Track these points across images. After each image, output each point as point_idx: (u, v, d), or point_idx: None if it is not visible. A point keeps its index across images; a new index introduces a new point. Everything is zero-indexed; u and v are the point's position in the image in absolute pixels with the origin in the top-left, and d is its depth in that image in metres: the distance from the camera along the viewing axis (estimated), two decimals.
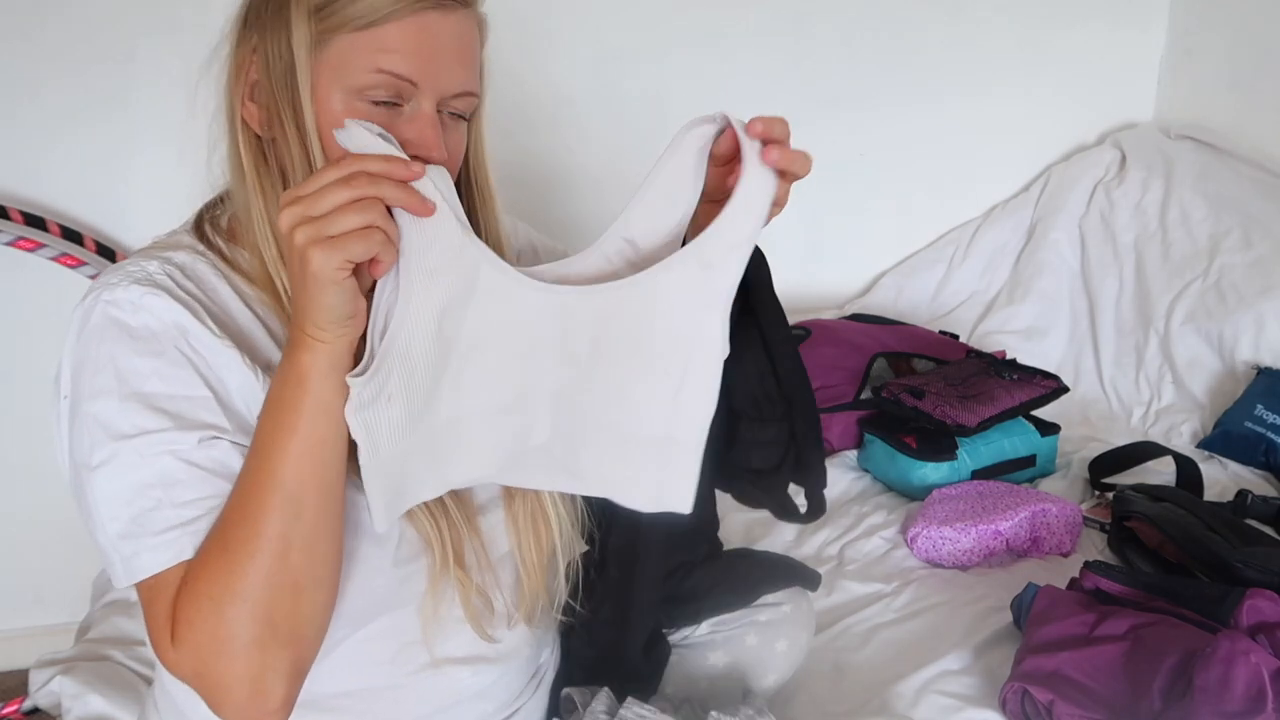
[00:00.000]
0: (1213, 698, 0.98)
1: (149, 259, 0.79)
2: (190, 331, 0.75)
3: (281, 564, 0.70)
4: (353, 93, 0.75)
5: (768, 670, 1.11)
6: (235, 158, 0.79)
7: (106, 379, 0.73)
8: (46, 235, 1.71)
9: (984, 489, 1.55)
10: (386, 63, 0.75)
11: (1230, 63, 2.19)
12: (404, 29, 0.75)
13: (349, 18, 0.74)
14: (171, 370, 0.74)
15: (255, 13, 0.77)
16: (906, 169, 2.30)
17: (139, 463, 0.72)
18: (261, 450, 0.70)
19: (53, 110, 1.74)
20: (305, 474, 0.70)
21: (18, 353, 1.81)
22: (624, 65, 2.06)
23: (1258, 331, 1.88)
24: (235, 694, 0.70)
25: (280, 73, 0.75)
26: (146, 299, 0.75)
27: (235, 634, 0.69)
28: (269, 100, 0.77)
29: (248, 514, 0.70)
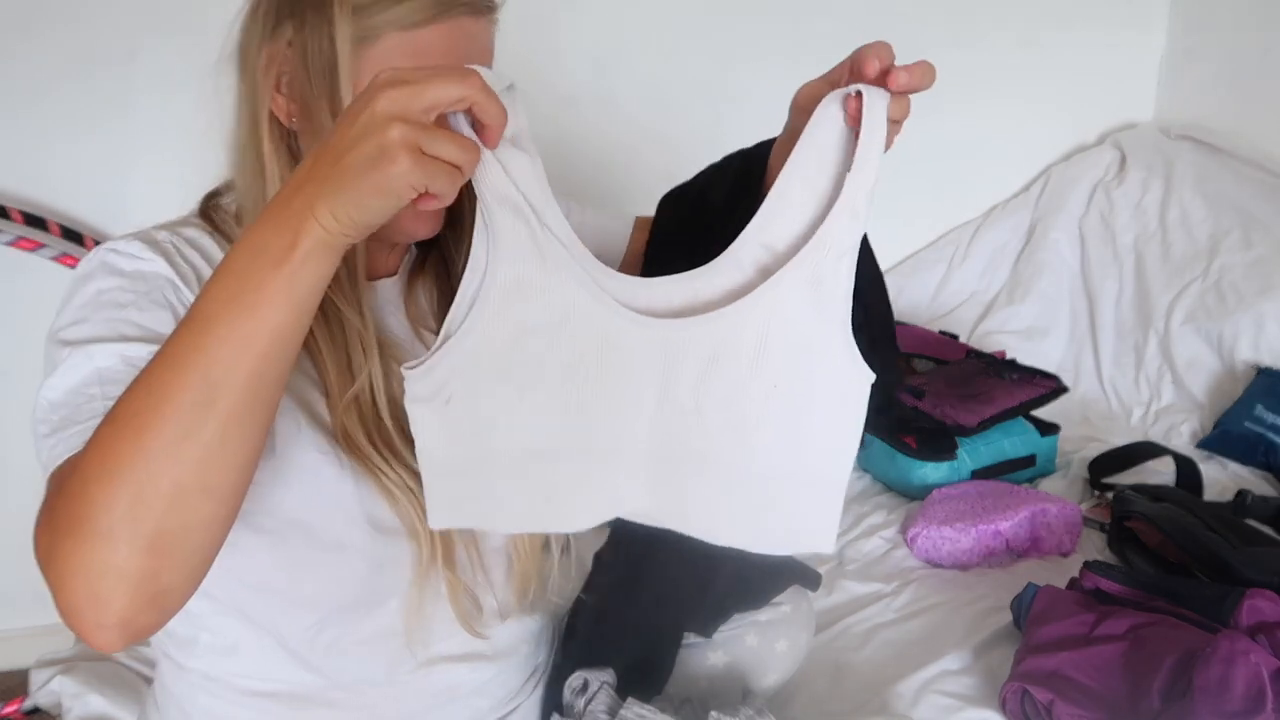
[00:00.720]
0: (1212, 698, 0.98)
1: (158, 229, 0.82)
2: (180, 290, 0.77)
3: (169, 454, 0.59)
4: None
5: (768, 670, 1.11)
6: (254, 148, 0.79)
7: (82, 309, 0.75)
8: (47, 235, 1.71)
9: (984, 489, 1.55)
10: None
11: (1230, 63, 2.19)
12: (442, 32, 0.76)
13: (392, 19, 0.75)
14: (150, 307, 0.75)
15: (291, 6, 0.77)
16: (906, 169, 2.29)
17: (84, 364, 0.71)
18: (195, 321, 0.60)
19: (53, 110, 1.74)
20: (238, 361, 0.59)
21: (18, 353, 1.80)
22: (624, 65, 2.06)
23: (1257, 331, 1.88)
24: (73, 589, 0.61)
25: (320, 68, 0.76)
26: (145, 252, 0.77)
27: (91, 517, 0.60)
28: (303, 94, 0.77)
29: (153, 385, 0.60)
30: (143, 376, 0.61)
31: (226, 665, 0.83)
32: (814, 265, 0.65)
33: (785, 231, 0.67)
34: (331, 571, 0.81)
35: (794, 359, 0.66)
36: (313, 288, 0.60)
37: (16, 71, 1.71)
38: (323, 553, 0.80)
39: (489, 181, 0.62)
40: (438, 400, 0.65)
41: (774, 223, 0.67)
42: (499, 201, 0.63)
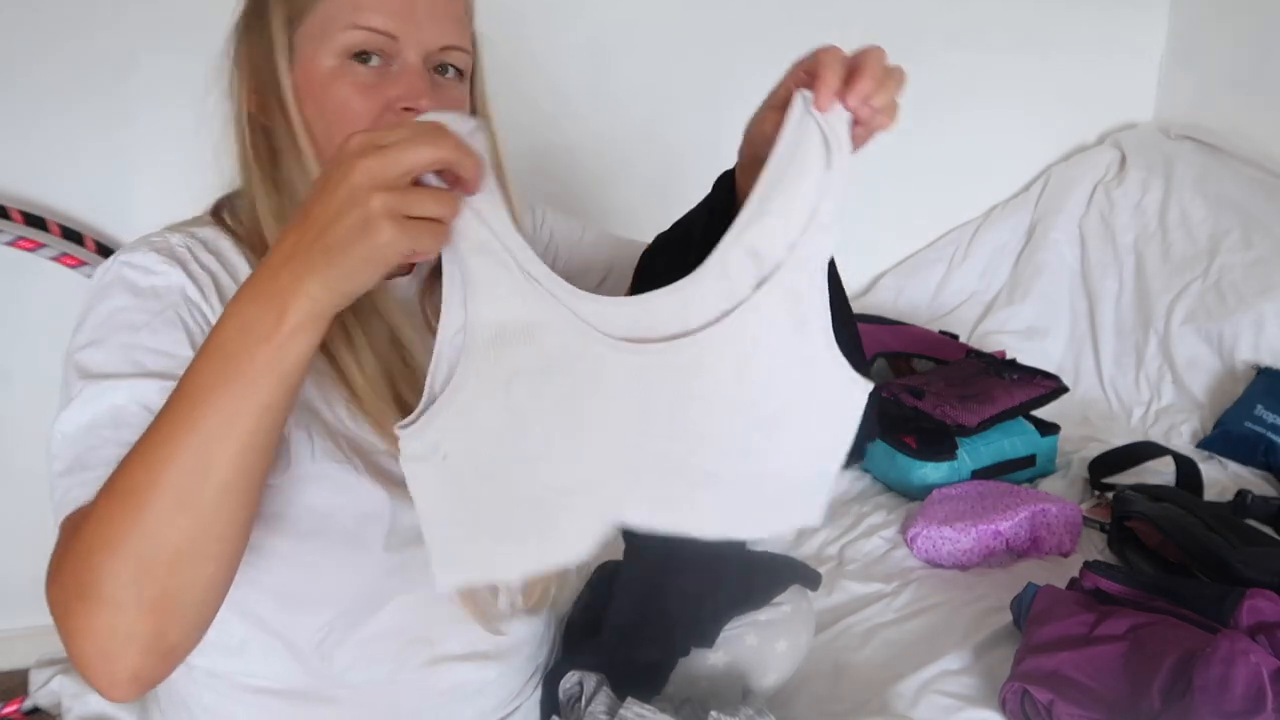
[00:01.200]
0: (1212, 698, 0.98)
1: (173, 232, 0.81)
2: (197, 304, 0.76)
3: (167, 523, 0.61)
4: (338, 54, 0.78)
5: (768, 670, 1.10)
6: (244, 153, 0.82)
7: (98, 329, 0.74)
8: (46, 235, 1.71)
9: (984, 489, 1.55)
10: (364, 19, 0.77)
11: (1230, 63, 2.19)
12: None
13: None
14: (164, 328, 0.74)
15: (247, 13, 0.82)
16: (906, 169, 2.30)
17: (97, 400, 0.71)
18: (188, 394, 0.61)
19: (53, 110, 1.74)
20: (229, 433, 0.61)
21: (18, 353, 1.81)
22: (623, 64, 2.06)
23: (1258, 331, 1.88)
24: (85, 649, 0.62)
25: (263, 57, 0.79)
26: (161, 265, 0.77)
27: (97, 583, 0.61)
28: (259, 84, 0.80)
29: (149, 460, 0.61)
30: (138, 449, 0.62)
31: (232, 663, 0.83)
32: (792, 283, 0.66)
33: (767, 240, 0.67)
34: (346, 573, 0.81)
35: (778, 373, 0.67)
36: (300, 359, 0.61)
37: (18, 72, 1.71)
38: (339, 554, 0.80)
39: (463, 231, 0.62)
40: (435, 457, 0.64)
41: (754, 227, 0.67)
42: (475, 250, 0.62)
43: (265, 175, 0.80)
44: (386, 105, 0.78)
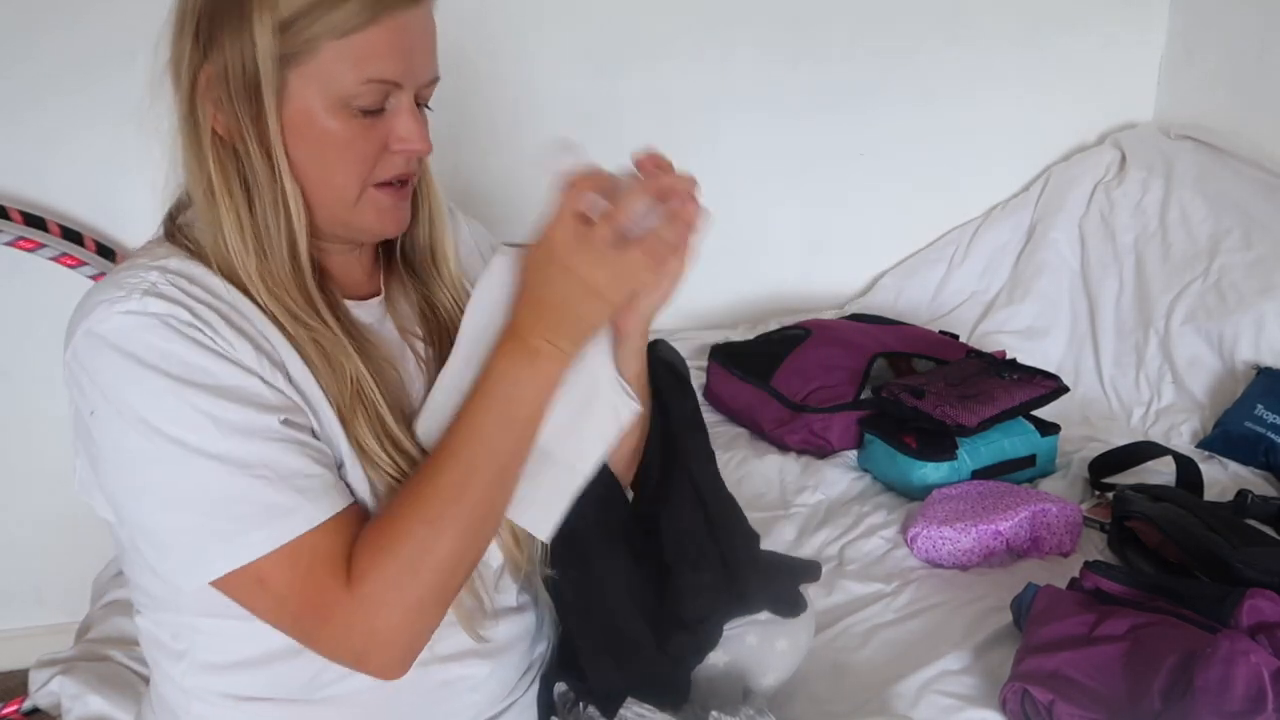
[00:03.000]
0: (1213, 698, 0.98)
1: (145, 269, 0.78)
2: (212, 335, 0.75)
3: (474, 537, 0.78)
4: (337, 102, 0.77)
5: (768, 670, 1.10)
6: (201, 170, 0.79)
7: (155, 382, 0.72)
8: (46, 235, 1.71)
9: (984, 489, 1.55)
10: (374, 70, 0.76)
11: (1230, 63, 2.19)
12: (385, 31, 0.76)
13: (328, 27, 0.74)
14: (215, 364, 0.74)
15: (212, 29, 0.77)
16: (906, 169, 2.30)
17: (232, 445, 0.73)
18: (489, 437, 0.77)
19: (53, 112, 1.74)
20: (520, 459, 0.79)
21: (18, 353, 1.81)
22: (623, 65, 2.06)
23: (1258, 331, 1.88)
24: (394, 650, 0.76)
25: (241, 87, 0.76)
26: (168, 308, 0.75)
27: (421, 596, 0.75)
28: (230, 113, 0.77)
29: (464, 491, 0.76)
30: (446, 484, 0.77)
31: (223, 679, 0.84)
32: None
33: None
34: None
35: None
36: (554, 388, 0.79)
37: (17, 73, 1.71)
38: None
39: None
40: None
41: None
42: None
43: (235, 204, 0.78)
44: (385, 145, 0.80)
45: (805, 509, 1.61)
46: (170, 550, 0.75)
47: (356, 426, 0.80)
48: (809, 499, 1.64)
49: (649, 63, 2.08)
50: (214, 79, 0.77)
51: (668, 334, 2.06)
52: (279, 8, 0.74)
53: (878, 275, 2.36)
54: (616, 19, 2.03)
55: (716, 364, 1.93)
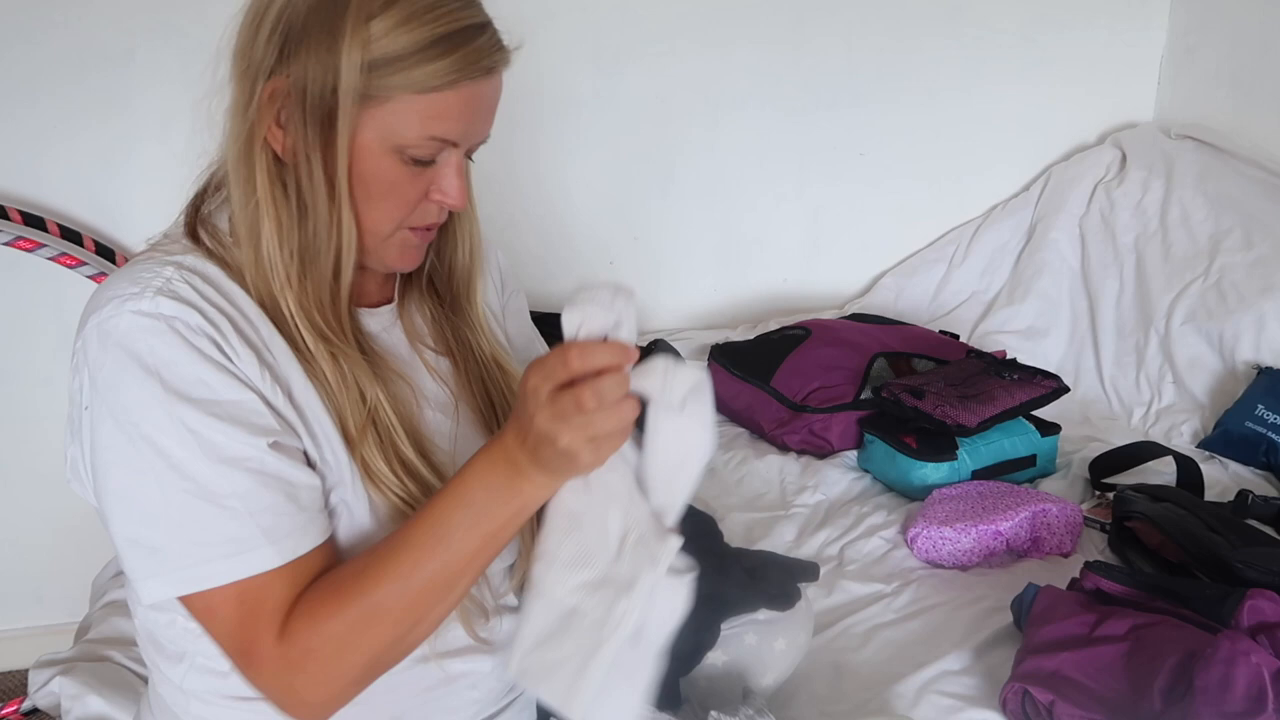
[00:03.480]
0: (1213, 698, 0.98)
1: (161, 264, 0.78)
2: (226, 343, 0.75)
3: (411, 630, 0.76)
4: (395, 149, 0.78)
5: (767, 669, 1.10)
6: (247, 172, 0.78)
7: (151, 390, 0.72)
8: (46, 235, 1.71)
9: (984, 489, 1.55)
10: (439, 129, 0.78)
11: (1230, 63, 2.19)
12: (459, 96, 0.77)
13: (410, 81, 0.75)
14: (215, 376, 0.74)
15: (295, 45, 0.75)
16: (907, 169, 2.30)
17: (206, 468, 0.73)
18: (453, 545, 0.74)
19: (52, 111, 1.74)
20: (477, 570, 0.76)
21: (17, 353, 1.81)
22: (623, 66, 2.06)
23: (1258, 331, 1.88)
24: (311, 709, 0.76)
25: (317, 112, 0.76)
26: (179, 311, 0.74)
27: (345, 674, 0.75)
28: (298, 133, 0.77)
29: (411, 585, 0.74)
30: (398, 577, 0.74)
31: (223, 682, 0.83)
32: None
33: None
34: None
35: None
36: (533, 511, 0.75)
37: (15, 71, 1.71)
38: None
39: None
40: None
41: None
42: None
43: (280, 215, 0.78)
44: (426, 193, 0.81)
45: (805, 509, 1.61)
46: (129, 559, 0.75)
47: (366, 449, 0.80)
48: (809, 499, 1.64)
49: (649, 61, 2.08)
50: (284, 93, 0.76)
51: (668, 334, 2.06)
52: (371, 47, 0.74)
53: (878, 275, 2.36)
54: (617, 17, 2.03)
55: (716, 364, 1.93)
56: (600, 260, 2.19)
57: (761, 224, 2.27)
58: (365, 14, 0.74)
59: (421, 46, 0.75)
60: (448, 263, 0.93)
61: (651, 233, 2.21)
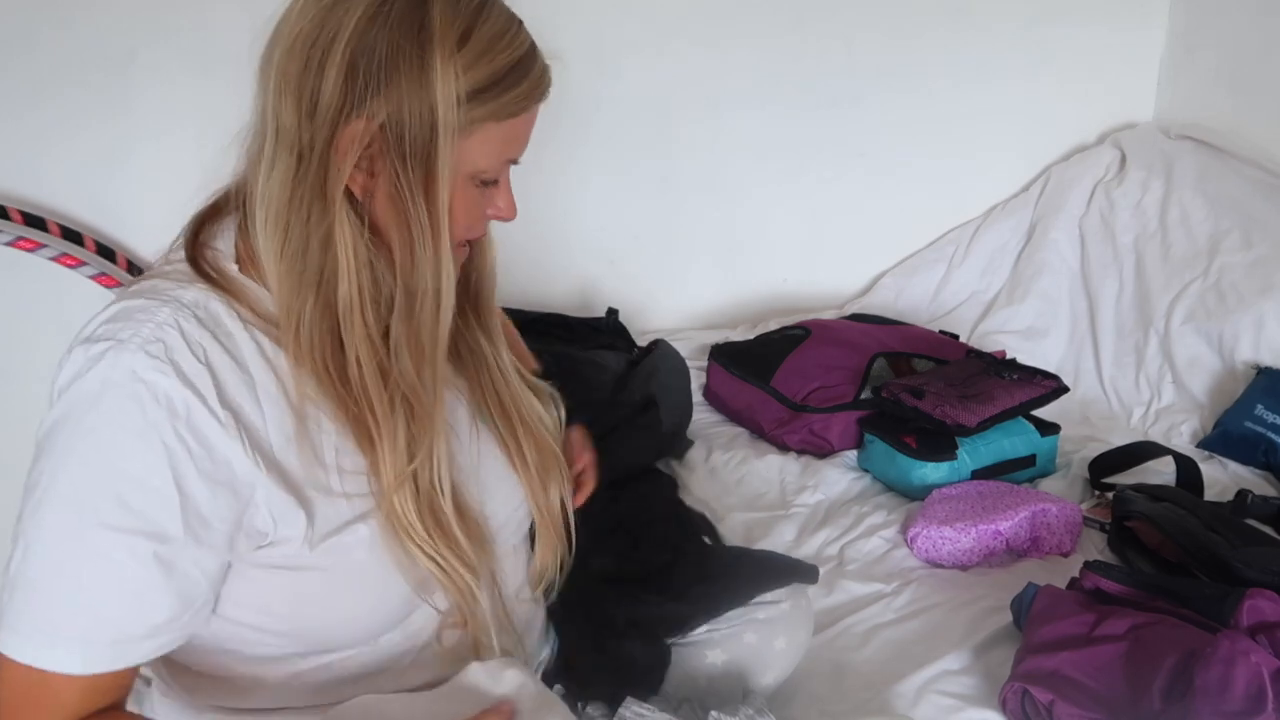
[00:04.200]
0: (1213, 698, 0.98)
1: (160, 303, 0.75)
2: (189, 415, 0.72)
3: None
4: (472, 176, 0.79)
5: (767, 668, 1.10)
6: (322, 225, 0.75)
7: (84, 446, 0.71)
8: (46, 235, 1.71)
9: (984, 489, 1.55)
10: (513, 152, 0.81)
11: (1230, 63, 2.19)
12: (529, 118, 0.80)
13: (496, 110, 0.76)
14: (149, 457, 0.71)
15: (375, 83, 0.73)
16: (906, 169, 2.30)
17: (76, 548, 0.70)
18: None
19: (53, 111, 1.74)
20: None
21: (18, 353, 1.80)
22: (623, 66, 2.06)
23: (1258, 331, 1.88)
24: None
25: (420, 154, 0.75)
26: (151, 373, 0.71)
27: None
28: (395, 176, 0.75)
29: None
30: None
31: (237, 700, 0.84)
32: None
33: None
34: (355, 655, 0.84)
35: None
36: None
37: (17, 72, 1.71)
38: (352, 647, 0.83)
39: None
40: None
41: None
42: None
43: (376, 270, 0.77)
44: (484, 215, 0.84)
45: (805, 509, 1.61)
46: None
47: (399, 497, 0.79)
48: (809, 499, 1.64)
49: (649, 60, 2.08)
50: (366, 136, 0.74)
51: (668, 334, 2.06)
52: (461, 81, 0.74)
53: (878, 275, 2.36)
54: (615, 16, 2.03)
55: (716, 364, 1.93)
56: (600, 260, 2.19)
57: (761, 223, 2.27)
58: (449, 47, 0.73)
59: (502, 75, 0.76)
60: (474, 274, 0.93)
61: (651, 233, 2.21)
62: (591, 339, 1.91)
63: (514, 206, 0.85)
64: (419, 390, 0.80)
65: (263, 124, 0.77)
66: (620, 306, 2.01)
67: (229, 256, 0.80)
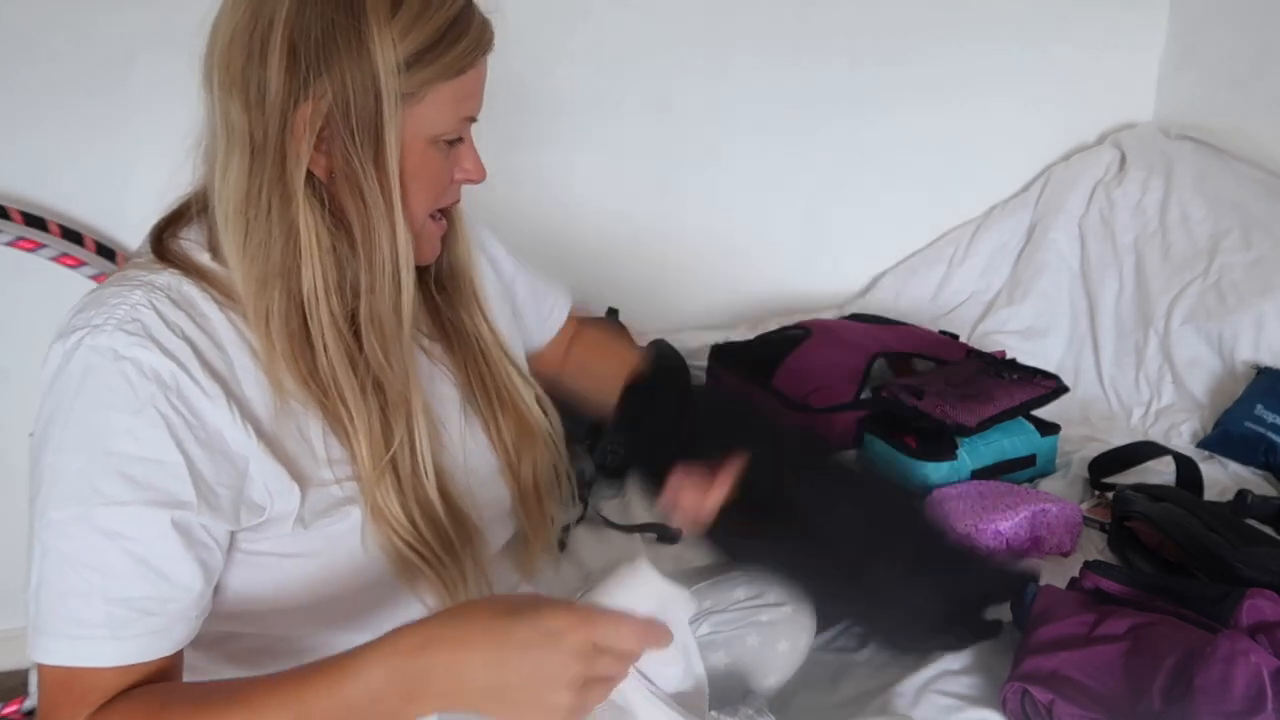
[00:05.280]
0: (1213, 698, 0.98)
1: (131, 287, 0.74)
2: (179, 386, 0.72)
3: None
4: (434, 139, 0.79)
5: (769, 671, 1.10)
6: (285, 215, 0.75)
7: (76, 433, 0.71)
8: (46, 235, 1.71)
9: (984, 489, 1.55)
10: (468, 109, 0.80)
11: (1230, 63, 2.19)
12: (477, 73, 0.80)
13: (441, 69, 0.76)
14: (147, 430, 0.71)
15: (317, 64, 0.73)
16: (906, 169, 2.30)
17: (88, 535, 0.69)
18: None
19: (53, 112, 1.74)
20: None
21: (18, 353, 1.80)
22: (624, 68, 2.06)
23: (1258, 331, 1.88)
24: None
25: (366, 126, 0.75)
26: (133, 349, 0.71)
27: None
28: (346, 152, 0.75)
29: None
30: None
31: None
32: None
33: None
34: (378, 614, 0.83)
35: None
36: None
37: (19, 75, 1.71)
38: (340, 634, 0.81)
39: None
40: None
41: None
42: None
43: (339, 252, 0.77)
44: (451, 176, 0.84)
45: None
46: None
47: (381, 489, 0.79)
48: None
49: (650, 64, 2.08)
50: (318, 117, 0.74)
51: (668, 334, 2.06)
52: (399, 47, 0.74)
53: (878, 275, 2.36)
54: (618, 20, 2.03)
55: (716, 364, 1.93)
56: (601, 260, 2.19)
57: (761, 223, 2.27)
58: (383, 16, 0.73)
59: (441, 34, 0.76)
60: (445, 247, 0.92)
61: (651, 233, 2.21)
62: None
63: (481, 167, 0.84)
64: (388, 372, 0.79)
65: (213, 125, 0.77)
66: (620, 306, 2.01)
67: (201, 246, 0.80)
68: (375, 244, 0.78)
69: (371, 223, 0.77)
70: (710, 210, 2.22)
